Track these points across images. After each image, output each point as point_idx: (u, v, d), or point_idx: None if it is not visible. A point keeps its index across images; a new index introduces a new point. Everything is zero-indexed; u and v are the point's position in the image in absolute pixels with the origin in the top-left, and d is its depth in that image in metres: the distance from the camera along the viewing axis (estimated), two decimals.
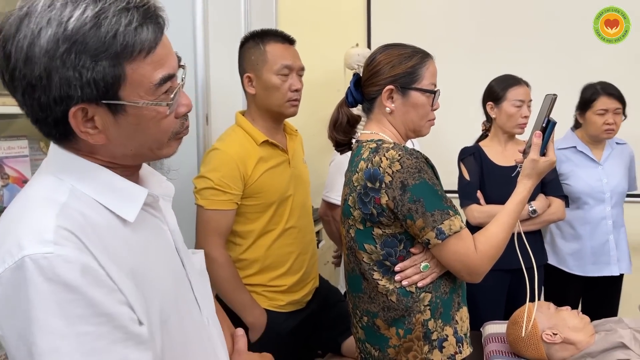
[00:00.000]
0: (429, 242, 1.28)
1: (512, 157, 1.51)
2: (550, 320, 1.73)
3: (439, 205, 1.27)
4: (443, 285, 1.35)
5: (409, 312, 1.33)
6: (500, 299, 2.22)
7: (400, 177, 1.26)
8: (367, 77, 1.43)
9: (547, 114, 1.34)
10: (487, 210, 2.14)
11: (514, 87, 2.18)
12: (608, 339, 1.66)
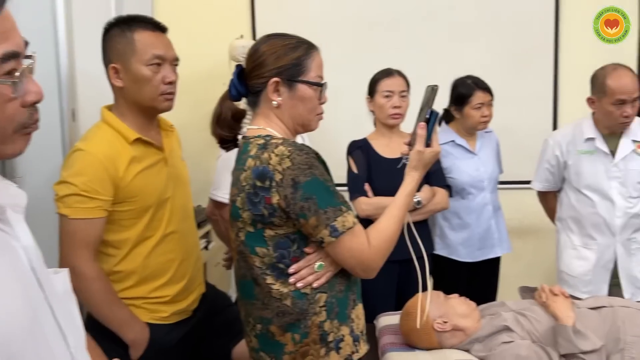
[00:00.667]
0: (323, 241, 1.22)
1: (398, 149, 1.52)
2: (441, 309, 1.78)
3: (332, 202, 1.22)
4: (338, 283, 1.31)
5: (304, 315, 1.27)
6: (391, 290, 2.25)
7: (291, 175, 1.20)
8: (250, 68, 1.34)
9: (430, 105, 1.35)
10: (375, 203, 2.16)
11: (384, 78, 2.25)
12: (493, 323, 1.74)
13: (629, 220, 2.19)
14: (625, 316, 1.67)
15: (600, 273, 2.25)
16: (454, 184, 2.41)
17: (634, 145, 2.18)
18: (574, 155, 2.27)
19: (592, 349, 1.56)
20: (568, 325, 1.61)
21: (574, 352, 1.57)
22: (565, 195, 2.36)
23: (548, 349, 1.62)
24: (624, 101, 2.08)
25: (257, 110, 1.36)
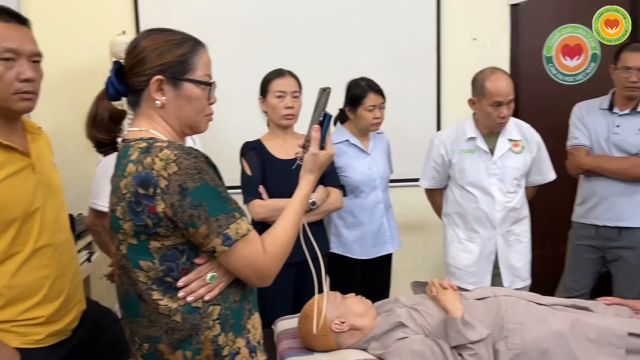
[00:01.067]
0: (215, 250, 1.15)
1: (292, 150, 1.49)
2: (338, 310, 1.77)
3: (224, 209, 1.15)
4: (232, 294, 1.24)
5: (196, 331, 1.18)
6: (288, 293, 2.22)
7: (178, 180, 1.11)
8: (130, 65, 1.22)
9: (323, 108, 1.33)
10: (270, 205, 2.11)
11: (276, 79, 2.22)
12: (388, 320, 1.76)
13: (507, 213, 2.35)
14: (508, 305, 1.78)
15: (483, 264, 2.39)
16: (348, 182, 2.43)
17: (510, 144, 2.34)
18: (457, 154, 2.39)
19: (480, 339, 1.64)
20: (457, 318, 1.68)
21: (463, 343, 1.63)
22: (450, 192, 2.48)
23: (440, 341, 1.67)
24: (500, 103, 2.22)
25: (139, 110, 1.25)
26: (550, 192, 2.75)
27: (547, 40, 3.42)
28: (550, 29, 3.42)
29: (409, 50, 3.23)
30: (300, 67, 2.33)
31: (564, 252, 2.81)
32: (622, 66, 2.48)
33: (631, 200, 2.51)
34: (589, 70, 3.45)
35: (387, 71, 3.08)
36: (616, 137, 2.52)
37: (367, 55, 3.16)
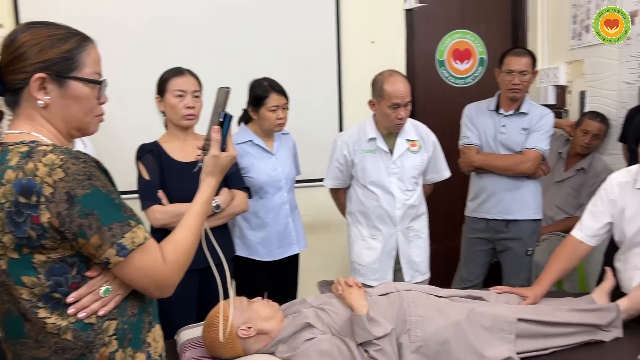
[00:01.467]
0: (109, 262, 1.07)
1: (193, 152, 1.43)
2: (244, 315, 1.74)
3: (117, 217, 1.08)
4: (130, 307, 1.16)
5: (90, 349, 1.10)
6: (191, 301, 2.15)
7: (65, 187, 1.02)
8: (7, 62, 1.11)
9: (223, 108, 1.29)
10: (171, 210, 2.03)
11: (175, 77, 2.13)
12: (295, 321, 1.76)
13: (407, 210, 2.44)
14: (409, 299, 1.84)
15: (385, 260, 2.46)
16: (252, 183, 2.40)
17: (408, 144, 2.43)
18: (359, 154, 2.44)
19: (384, 334, 1.68)
20: (362, 315, 1.71)
21: (369, 339, 1.67)
22: (353, 191, 2.52)
23: (346, 339, 1.70)
24: (398, 105, 2.30)
25: (19, 111, 1.14)
26: (445, 189, 2.90)
27: (439, 44, 3.61)
28: (442, 34, 3.61)
29: (311, 51, 3.26)
30: (199, 67, 2.25)
31: (459, 245, 2.98)
32: (506, 70, 2.67)
33: (516, 195, 2.71)
34: (477, 74, 3.69)
35: (289, 72, 3.09)
36: (502, 136, 2.71)
37: (270, 55, 3.14)
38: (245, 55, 3.11)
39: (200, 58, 2.90)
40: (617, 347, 1.82)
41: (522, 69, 2.63)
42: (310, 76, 3.26)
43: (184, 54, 2.86)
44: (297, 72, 3.20)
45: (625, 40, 2.96)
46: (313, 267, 3.12)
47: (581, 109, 3.30)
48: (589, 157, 3.12)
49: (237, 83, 2.33)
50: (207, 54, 3.02)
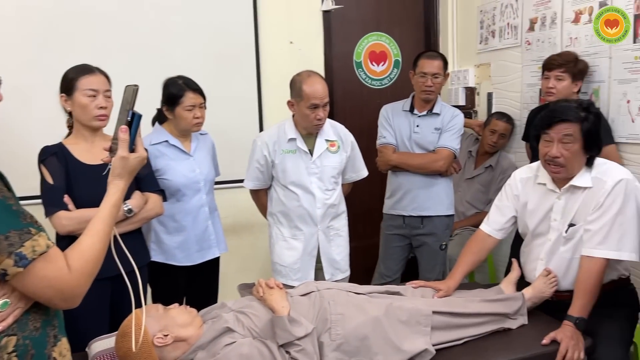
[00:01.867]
0: (7, 273, 0.99)
1: (101, 153, 1.35)
2: (160, 323, 1.67)
3: (15, 224, 1.00)
4: (32, 320, 1.08)
5: None
6: (104, 311, 2.04)
7: None
8: None
9: (131, 107, 1.24)
10: (78, 216, 1.91)
11: (85, 76, 2.00)
12: (215, 326, 1.72)
13: (327, 210, 2.46)
14: (330, 297, 1.86)
15: (307, 260, 2.47)
16: (169, 185, 2.32)
17: (327, 144, 2.46)
18: (279, 154, 2.43)
19: (306, 334, 1.68)
20: (284, 316, 1.70)
21: (290, 340, 1.66)
22: (274, 191, 2.51)
23: (268, 342, 1.68)
24: (317, 105, 2.31)
25: None
26: (364, 187, 2.97)
27: (356, 46, 3.68)
28: (359, 36, 3.68)
29: (229, 50, 3.21)
30: (109, 64, 2.14)
31: (378, 242, 3.05)
32: (420, 72, 2.77)
33: (430, 192, 2.82)
34: (392, 76, 3.80)
35: (206, 70, 3.03)
36: (416, 135, 2.80)
37: (185, 53, 3.06)
38: (158, 53, 3.00)
39: (110, 55, 2.77)
40: (523, 333, 1.94)
41: (435, 71, 2.74)
42: (229, 75, 3.21)
43: (93, 50, 2.71)
44: (214, 70, 3.14)
45: (526, 45, 3.17)
46: (234, 269, 3.08)
47: (489, 109, 3.49)
48: (496, 155, 3.31)
49: (151, 81, 2.27)
50: (117, 50, 2.89)
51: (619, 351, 1.85)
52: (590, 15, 2.70)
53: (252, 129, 3.22)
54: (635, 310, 2.05)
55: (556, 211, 2.01)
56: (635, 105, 2.51)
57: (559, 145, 1.92)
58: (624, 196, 1.88)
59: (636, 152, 2.52)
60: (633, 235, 1.89)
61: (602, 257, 1.88)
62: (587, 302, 1.87)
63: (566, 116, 1.91)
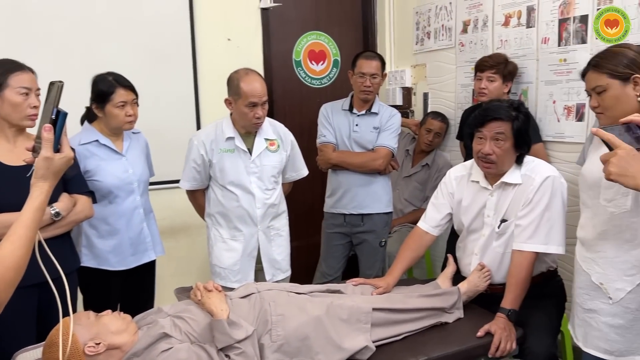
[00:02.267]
0: None
1: (25, 154, 1.27)
2: (91, 330, 1.59)
3: None
4: None
5: None
6: (30, 320, 1.92)
7: None
8: None
9: (56, 104, 1.17)
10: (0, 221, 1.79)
11: (17, 73, 1.88)
12: (150, 332, 1.65)
13: (267, 209, 2.43)
14: (270, 298, 1.83)
15: (246, 261, 2.43)
16: (100, 187, 2.22)
17: (266, 143, 2.43)
18: (217, 153, 2.38)
19: (246, 336, 1.65)
20: (223, 319, 1.67)
21: (230, 344, 1.63)
22: (212, 192, 2.46)
23: (206, 346, 1.64)
24: (255, 104, 2.28)
25: None
26: (304, 186, 2.96)
27: (295, 45, 3.67)
28: (298, 35, 3.67)
29: (163, 46, 3.11)
30: (33, 61, 2.00)
31: (319, 241, 3.06)
32: (358, 72, 2.79)
33: (370, 190, 2.85)
34: (332, 75, 3.81)
35: (139, 67, 2.92)
36: (356, 134, 2.83)
37: (116, 48, 2.93)
38: (86, 48, 2.86)
39: (34, 50, 2.62)
40: (459, 326, 1.99)
41: (373, 72, 2.77)
42: (163, 71, 3.11)
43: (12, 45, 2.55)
44: (147, 67, 3.03)
45: (459, 47, 3.27)
46: (171, 273, 2.99)
47: (425, 109, 3.58)
48: (432, 153, 3.39)
49: (78, 78, 2.16)
50: (40, 45, 2.73)
51: (548, 340, 1.94)
52: (519, 18, 2.83)
53: (189, 128, 3.14)
54: (562, 300, 2.16)
55: (489, 207, 2.09)
56: (561, 105, 2.65)
57: (492, 142, 1.99)
58: (551, 192, 1.98)
59: (561, 150, 2.66)
60: (559, 229, 1.99)
61: (531, 251, 1.97)
62: (518, 295, 1.95)
63: (498, 115, 1.99)
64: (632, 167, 1.27)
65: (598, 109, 1.65)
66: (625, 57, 1.59)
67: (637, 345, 1.62)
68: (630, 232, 1.59)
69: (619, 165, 1.28)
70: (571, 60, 2.57)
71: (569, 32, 2.57)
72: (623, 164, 1.28)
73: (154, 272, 2.52)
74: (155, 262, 2.50)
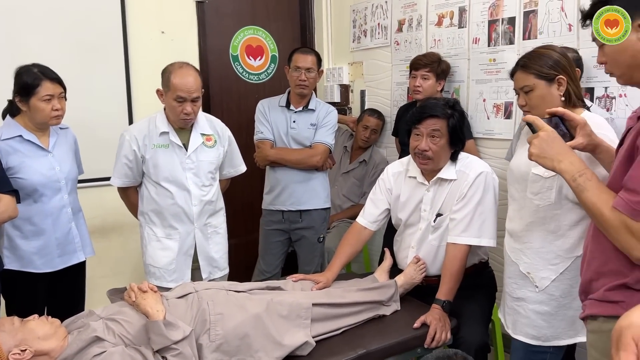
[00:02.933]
0: None
1: None
2: (16, 337, 1.51)
3: None
4: None
5: None
6: None
7: None
8: None
9: None
10: None
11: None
12: (81, 336, 1.58)
13: (204, 207, 2.38)
14: (208, 297, 1.80)
15: (183, 260, 2.37)
16: (24, 185, 2.10)
17: (202, 139, 2.37)
18: (150, 149, 2.30)
19: (183, 337, 1.61)
20: (159, 320, 1.62)
21: (167, 345, 1.58)
22: (145, 189, 2.37)
23: (142, 348, 1.58)
24: (184, 99, 2.20)
25: None
26: (242, 183, 2.92)
27: (232, 39, 3.61)
28: (234, 29, 3.62)
29: (92, 37, 2.97)
30: None
31: (257, 238, 3.03)
32: (294, 66, 2.79)
33: (308, 186, 2.85)
34: (270, 71, 3.79)
35: (68, 60, 2.79)
36: (293, 131, 2.82)
37: (41, 40, 2.78)
38: (9, 39, 2.69)
39: None
40: (396, 319, 2.04)
41: (308, 66, 2.77)
42: (93, 65, 2.98)
43: None
44: (76, 59, 2.89)
45: (395, 45, 3.34)
46: (103, 274, 2.88)
47: (362, 106, 3.63)
48: (369, 150, 3.45)
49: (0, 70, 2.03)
50: None
51: (480, 329, 2.02)
52: (452, 19, 2.92)
53: (120, 123, 3.02)
54: (493, 290, 2.26)
55: (425, 202, 2.15)
56: (490, 103, 2.76)
57: (428, 139, 2.05)
58: (484, 188, 2.06)
59: (491, 146, 2.78)
60: (491, 223, 2.08)
61: (465, 244, 2.05)
62: (452, 286, 2.02)
63: (435, 112, 2.05)
64: (552, 150, 1.35)
65: (525, 108, 1.73)
66: (550, 58, 1.68)
67: (561, 330, 1.72)
68: (554, 223, 1.69)
69: (540, 147, 1.36)
70: (500, 60, 2.69)
71: (498, 33, 2.68)
72: (544, 145, 1.36)
73: (84, 273, 2.41)
74: (85, 263, 2.39)
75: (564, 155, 1.34)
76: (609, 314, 1.24)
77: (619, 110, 2.23)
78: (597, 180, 1.28)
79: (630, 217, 1.15)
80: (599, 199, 1.23)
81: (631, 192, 1.16)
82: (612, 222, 1.19)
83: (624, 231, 1.17)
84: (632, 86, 1.31)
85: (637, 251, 1.16)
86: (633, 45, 1.22)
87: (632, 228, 1.15)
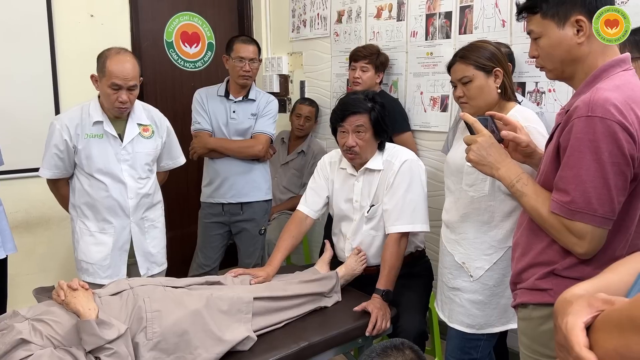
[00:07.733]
0: None
1: None
2: None
3: None
4: None
5: None
6: None
7: None
8: None
9: None
10: None
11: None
12: (5, 340, 1.48)
13: (141, 200, 2.28)
14: (145, 294, 1.73)
15: (118, 255, 2.27)
16: None
17: (139, 129, 2.27)
18: (83, 139, 2.17)
19: (118, 336, 1.54)
20: (91, 319, 1.54)
21: (100, 345, 1.51)
22: (77, 181, 2.25)
23: (72, 349, 1.50)
24: (119, 86, 2.10)
25: None
26: (179, 174, 2.84)
27: (166, 25, 3.48)
28: (169, 15, 3.49)
29: (14, 20, 2.78)
30: None
31: (195, 230, 2.96)
32: (237, 57, 2.72)
33: (248, 178, 2.81)
34: (207, 58, 3.69)
35: None
36: (234, 121, 2.76)
37: None
38: None
39: None
40: (337, 309, 2.05)
41: (252, 56, 2.72)
42: (14, 49, 2.78)
43: None
44: None
45: (334, 36, 3.33)
46: (28, 271, 2.72)
47: (302, 97, 3.61)
48: (307, 140, 3.44)
49: None
50: None
51: (418, 317, 2.07)
52: (390, 12, 2.95)
53: (46, 111, 2.85)
54: (430, 280, 2.32)
55: (356, 193, 2.18)
56: (427, 96, 2.82)
57: (354, 135, 2.10)
58: (410, 175, 2.12)
59: (428, 138, 2.84)
60: (422, 208, 2.13)
61: (399, 232, 2.09)
62: (392, 276, 2.06)
63: (356, 109, 2.09)
64: (490, 156, 1.40)
65: (463, 99, 1.77)
66: (487, 50, 1.73)
67: (494, 318, 1.79)
68: (488, 214, 1.75)
69: (479, 153, 1.41)
70: (437, 53, 2.74)
71: (435, 27, 2.74)
72: (482, 152, 1.40)
73: (6, 271, 2.26)
74: (6, 260, 2.24)
75: (501, 162, 1.39)
76: (538, 301, 1.30)
77: (548, 104, 2.34)
78: (533, 183, 1.33)
79: (566, 218, 1.21)
80: (537, 202, 1.29)
81: (562, 193, 1.21)
82: (552, 223, 1.24)
83: (565, 231, 1.22)
84: (561, 81, 1.36)
85: (579, 247, 1.21)
86: (568, 40, 1.25)
87: (570, 228, 1.21)
